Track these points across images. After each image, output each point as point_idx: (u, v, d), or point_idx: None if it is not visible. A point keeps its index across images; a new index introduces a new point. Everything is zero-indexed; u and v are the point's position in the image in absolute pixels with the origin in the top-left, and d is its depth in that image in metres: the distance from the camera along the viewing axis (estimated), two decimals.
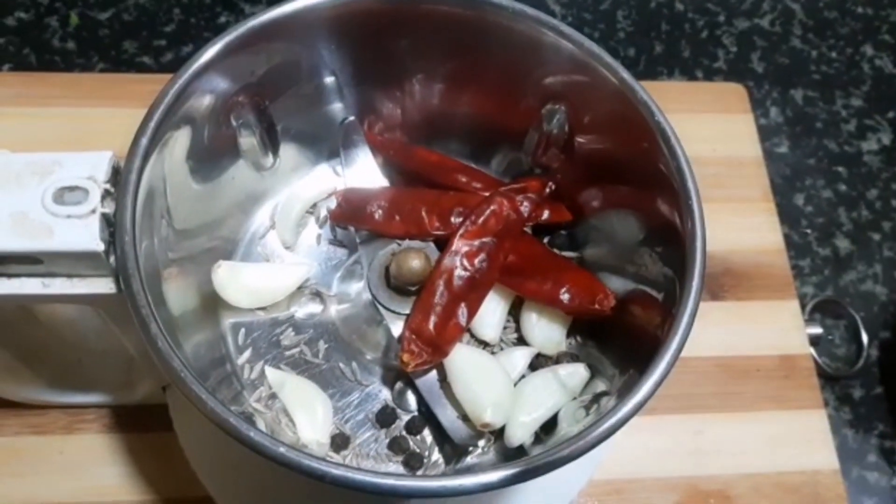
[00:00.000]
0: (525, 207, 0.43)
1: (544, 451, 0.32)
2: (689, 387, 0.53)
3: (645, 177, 0.41)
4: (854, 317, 0.58)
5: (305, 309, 0.45)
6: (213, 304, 0.43)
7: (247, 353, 0.43)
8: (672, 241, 0.38)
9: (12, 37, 0.64)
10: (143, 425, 0.49)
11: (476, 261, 0.42)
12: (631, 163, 0.41)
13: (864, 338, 0.58)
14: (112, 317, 0.38)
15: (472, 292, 0.42)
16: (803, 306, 0.57)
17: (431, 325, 0.40)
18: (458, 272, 0.41)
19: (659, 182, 0.39)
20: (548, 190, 0.44)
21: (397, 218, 0.43)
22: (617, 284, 0.43)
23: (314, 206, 0.48)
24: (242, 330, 0.44)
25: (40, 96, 0.59)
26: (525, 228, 0.45)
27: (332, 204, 0.46)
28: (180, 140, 0.38)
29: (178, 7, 0.66)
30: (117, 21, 0.65)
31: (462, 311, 0.41)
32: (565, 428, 0.40)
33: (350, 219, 0.45)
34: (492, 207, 0.42)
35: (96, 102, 0.59)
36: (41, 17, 0.65)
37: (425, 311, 0.41)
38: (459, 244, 0.42)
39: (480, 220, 0.42)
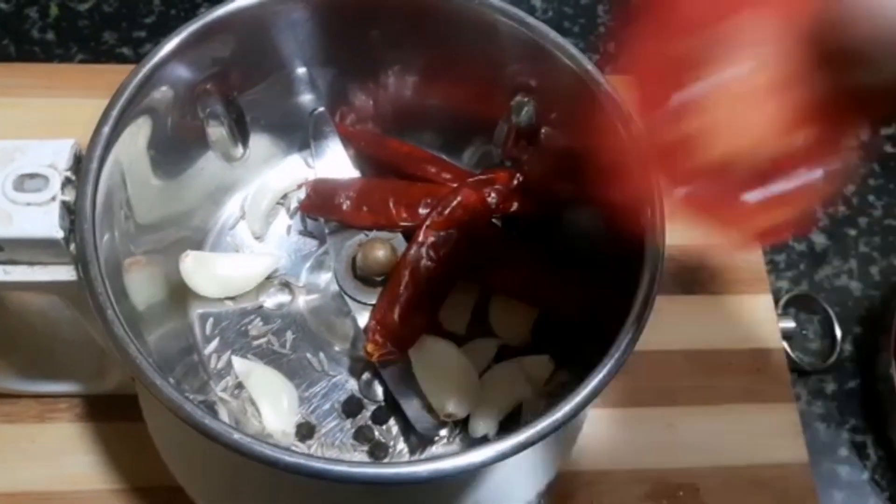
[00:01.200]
0: (492, 199, 0.43)
1: (499, 440, 0.32)
2: (661, 380, 0.53)
3: (610, 169, 0.41)
4: (828, 311, 0.58)
5: (274, 299, 0.45)
6: (181, 293, 0.43)
7: (214, 343, 0.44)
8: (636, 232, 0.38)
9: None
10: (115, 414, 0.49)
11: (442, 252, 0.42)
12: (596, 155, 0.41)
13: (838, 332, 0.58)
14: (76, 305, 0.38)
15: (438, 284, 0.42)
16: (777, 301, 0.58)
17: (396, 316, 0.41)
18: (424, 263, 0.41)
19: (623, 174, 0.39)
20: (516, 181, 0.45)
21: (365, 209, 0.44)
22: (583, 276, 0.43)
23: (285, 196, 0.48)
24: (210, 320, 0.44)
25: (19, 86, 0.59)
26: (493, 220, 0.46)
27: (303, 194, 0.46)
28: (144, 129, 0.39)
29: None
30: (97, 12, 0.65)
31: (427, 302, 0.41)
32: (528, 419, 0.40)
33: (319, 209, 0.45)
34: (458, 199, 0.42)
35: (75, 93, 0.59)
36: (21, 7, 0.65)
37: (390, 301, 0.41)
38: (425, 235, 0.42)
39: (447, 212, 0.42)
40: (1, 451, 0.48)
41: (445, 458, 0.32)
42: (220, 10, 0.39)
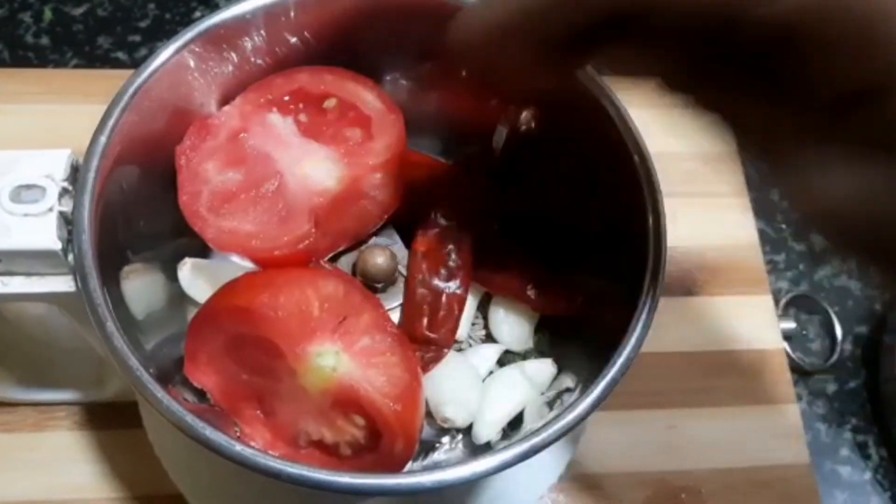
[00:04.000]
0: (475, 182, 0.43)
1: (502, 449, 0.32)
2: (662, 382, 0.53)
3: (611, 173, 0.41)
4: (828, 312, 0.58)
5: None
6: (179, 301, 0.43)
7: None
8: (637, 236, 0.38)
9: None
10: (114, 422, 0.49)
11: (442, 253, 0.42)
12: (597, 159, 0.41)
13: (839, 332, 0.58)
14: (74, 315, 0.38)
15: (452, 280, 0.42)
16: (777, 301, 0.57)
17: (424, 326, 0.40)
18: (426, 273, 0.41)
19: (624, 179, 0.39)
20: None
21: None
22: (584, 280, 0.43)
23: None
24: None
25: (13, 92, 0.58)
26: (493, 224, 0.46)
27: None
28: (141, 137, 0.38)
29: (152, 2, 0.66)
30: (91, 16, 0.65)
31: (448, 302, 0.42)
32: (530, 424, 0.40)
33: None
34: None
35: (70, 98, 0.59)
36: (15, 12, 0.65)
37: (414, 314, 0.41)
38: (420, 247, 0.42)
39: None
40: None
41: (449, 468, 0.31)
42: (216, 17, 0.39)
